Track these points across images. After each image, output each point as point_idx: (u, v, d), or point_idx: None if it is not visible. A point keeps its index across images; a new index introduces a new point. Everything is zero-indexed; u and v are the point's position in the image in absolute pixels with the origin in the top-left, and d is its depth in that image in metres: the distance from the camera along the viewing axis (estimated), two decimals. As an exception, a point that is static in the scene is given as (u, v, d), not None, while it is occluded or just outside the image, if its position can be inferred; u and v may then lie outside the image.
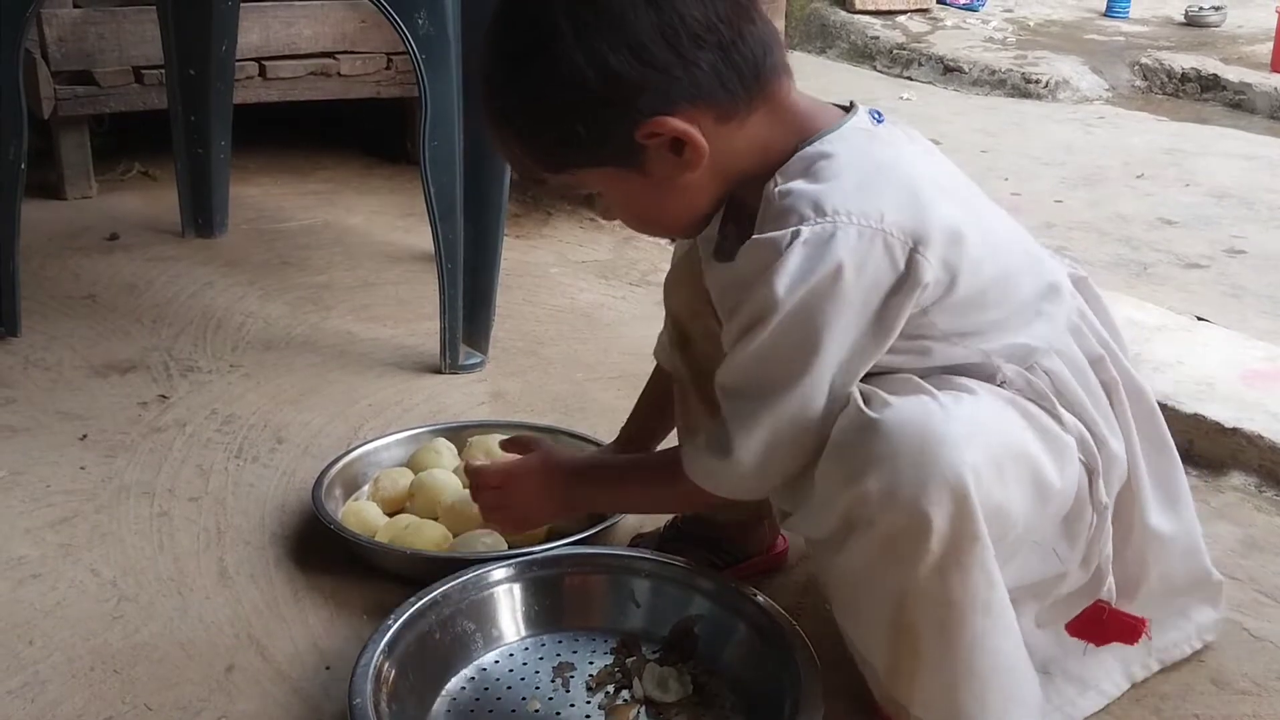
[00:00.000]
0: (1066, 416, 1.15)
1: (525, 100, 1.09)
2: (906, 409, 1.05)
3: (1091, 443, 1.17)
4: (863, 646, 1.17)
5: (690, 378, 1.38)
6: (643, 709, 1.25)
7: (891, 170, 1.10)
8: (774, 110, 1.12)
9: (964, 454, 1.03)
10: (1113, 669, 1.28)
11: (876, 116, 1.16)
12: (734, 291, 1.12)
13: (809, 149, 1.11)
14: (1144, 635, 1.28)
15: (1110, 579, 1.24)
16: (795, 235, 1.05)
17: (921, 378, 1.10)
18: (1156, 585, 1.28)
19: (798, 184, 1.07)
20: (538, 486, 1.35)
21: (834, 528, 1.10)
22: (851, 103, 1.18)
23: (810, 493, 1.11)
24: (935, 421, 1.04)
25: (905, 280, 1.06)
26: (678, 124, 1.06)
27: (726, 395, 1.14)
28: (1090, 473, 1.16)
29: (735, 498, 1.18)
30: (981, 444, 1.05)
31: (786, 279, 1.04)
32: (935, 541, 1.03)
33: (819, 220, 1.04)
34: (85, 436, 1.84)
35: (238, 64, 2.77)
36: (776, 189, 1.08)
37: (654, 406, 1.51)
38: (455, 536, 1.51)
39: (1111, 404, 1.21)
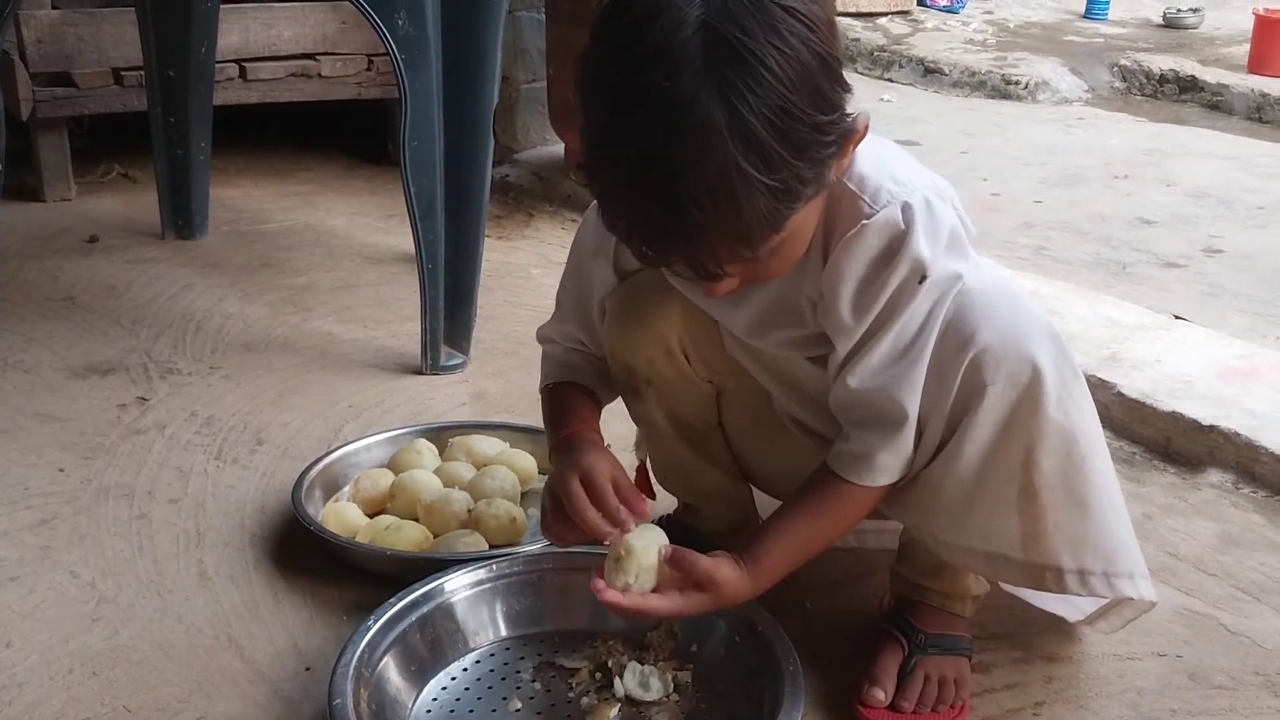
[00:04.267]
0: None
1: (788, 135, 0.95)
2: (983, 277, 1.15)
3: None
4: (988, 540, 1.19)
5: (672, 428, 1.38)
6: (624, 708, 1.25)
7: (899, 150, 1.19)
8: None
9: (1036, 306, 1.17)
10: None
11: None
12: (857, 279, 1.12)
13: None
14: None
15: None
16: (907, 208, 1.10)
17: None
18: None
19: (863, 169, 1.11)
20: (736, 576, 1.19)
21: (943, 427, 1.15)
22: None
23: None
24: (1009, 282, 1.19)
25: (964, 232, 1.16)
26: (864, 117, 1.05)
27: (880, 380, 1.14)
28: None
29: (903, 475, 1.19)
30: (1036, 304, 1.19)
31: (925, 243, 1.10)
32: (1049, 382, 1.12)
33: (907, 192, 1.11)
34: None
35: (217, 65, 2.77)
36: (843, 177, 1.10)
37: (590, 406, 1.38)
38: (435, 537, 1.51)
39: None
